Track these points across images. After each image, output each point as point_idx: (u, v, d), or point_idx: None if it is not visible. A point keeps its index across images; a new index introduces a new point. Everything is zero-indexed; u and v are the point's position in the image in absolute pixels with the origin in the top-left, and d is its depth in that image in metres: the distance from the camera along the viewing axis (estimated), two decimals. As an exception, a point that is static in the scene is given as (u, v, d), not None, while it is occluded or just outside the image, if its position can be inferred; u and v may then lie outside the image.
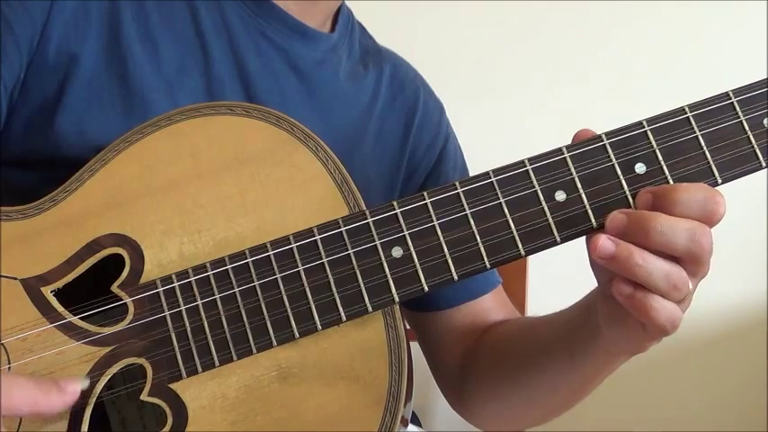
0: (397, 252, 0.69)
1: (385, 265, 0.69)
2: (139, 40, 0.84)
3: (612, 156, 0.69)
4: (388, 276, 0.69)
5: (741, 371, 2.05)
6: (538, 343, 0.88)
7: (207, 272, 0.69)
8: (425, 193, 0.69)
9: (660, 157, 0.68)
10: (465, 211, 0.69)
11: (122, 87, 0.82)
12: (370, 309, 0.69)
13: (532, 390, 0.91)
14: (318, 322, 0.69)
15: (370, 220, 0.69)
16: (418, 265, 0.69)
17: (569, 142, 0.70)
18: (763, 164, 0.68)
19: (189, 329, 0.69)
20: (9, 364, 0.68)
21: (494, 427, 1.03)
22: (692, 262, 0.66)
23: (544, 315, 0.92)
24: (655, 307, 0.66)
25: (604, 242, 0.66)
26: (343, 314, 0.69)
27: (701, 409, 2.07)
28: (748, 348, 2.03)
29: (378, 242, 0.69)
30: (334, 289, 0.69)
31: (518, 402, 0.94)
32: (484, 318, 1.01)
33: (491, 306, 1.02)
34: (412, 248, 0.69)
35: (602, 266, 0.70)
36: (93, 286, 0.70)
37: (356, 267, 0.69)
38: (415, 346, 0.96)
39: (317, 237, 0.69)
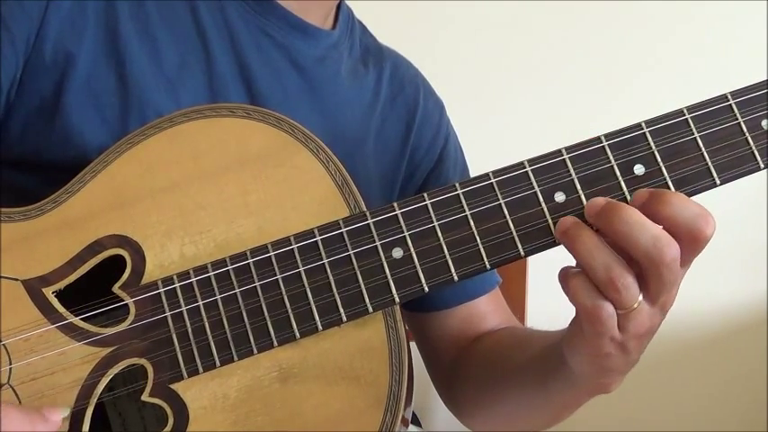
0: (397, 253, 0.69)
1: (385, 265, 0.69)
2: (139, 39, 0.84)
3: (611, 157, 0.69)
4: (389, 277, 0.69)
5: (741, 371, 2.05)
6: (517, 362, 0.88)
7: (208, 272, 0.70)
8: (425, 194, 0.70)
9: (659, 159, 0.68)
10: (465, 212, 0.69)
11: (121, 87, 0.82)
12: (370, 309, 0.69)
13: (511, 405, 0.91)
14: (319, 323, 0.69)
15: (370, 221, 0.70)
16: (418, 266, 0.69)
17: (569, 143, 0.70)
18: (762, 165, 0.68)
19: (190, 330, 0.69)
20: (10, 364, 0.68)
21: (481, 428, 1.03)
22: (651, 271, 0.64)
23: (533, 331, 0.92)
24: (577, 284, 0.66)
25: (567, 218, 0.67)
26: (343, 315, 0.69)
27: (701, 409, 2.07)
28: (748, 348, 2.04)
29: (378, 243, 0.69)
30: (334, 289, 0.69)
31: (501, 414, 0.95)
32: (479, 322, 1.01)
33: (487, 310, 1.02)
34: (412, 249, 0.69)
35: None
36: (94, 287, 0.70)
37: (357, 268, 0.69)
38: (415, 346, 0.97)
39: (318, 238, 0.69)
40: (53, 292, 0.70)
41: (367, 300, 0.69)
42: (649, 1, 1.94)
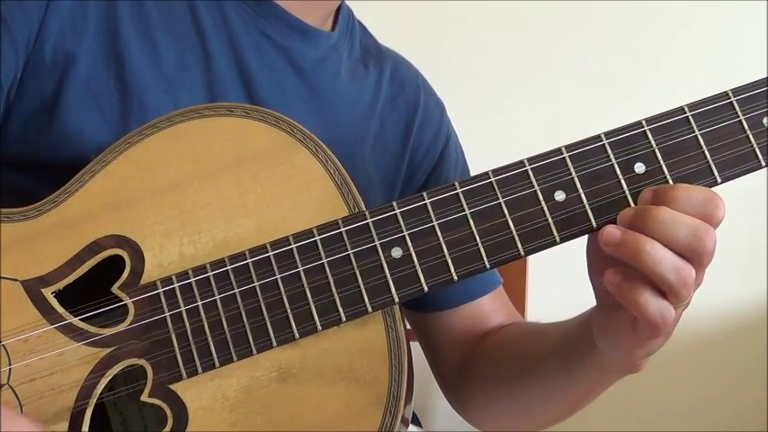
0: (396, 252, 0.69)
1: (385, 265, 0.69)
2: (138, 39, 0.84)
3: (612, 155, 0.69)
4: (388, 277, 0.69)
5: (741, 371, 2.05)
6: (535, 354, 0.88)
7: (207, 273, 0.69)
8: (425, 194, 0.69)
9: (659, 157, 0.68)
10: (464, 211, 0.69)
11: (120, 87, 0.82)
12: (369, 309, 0.69)
13: (528, 399, 0.91)
14: (318, 323, 0.69)
15: (369, 220, 0.69)
16: (418, 266, 0.69)
17: (569, 142, 0.70)
18: (763, 163, 0.68)
19: (189, 330, 0.69)
20: (10, 365, 0.68)
21: (492, 428, 1.03)
22: (694, 260, 0.65)
23: (544, 324, 0.92)
24: (645, 297, 0.65)
25: (611, 230, 0.66)
26: (342, 314, 0.69)
27: (702, 409, 2.07)
28: (748, 348, 2.04)
29: (377, 242, 0.69)
30: (333, 289, 0.69)
31: (514, 410, 0.95)
32: (484, 320, 1.01)
33: (491, 308, 1.02)
34: (411, 249, 0.69)
35: (597, 272, 0.70)
36: (93, 287, 0.70)
37: (356, 268, 0.69)
38: (416, 346, 0.97)
39: (317, 237, 0.69)
40: (52, 293, 0.70)
41: (366, 299, 0.69)
42: (650, 1, 1.94)
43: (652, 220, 0.65)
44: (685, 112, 0.69)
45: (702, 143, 0.68)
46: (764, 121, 0.68)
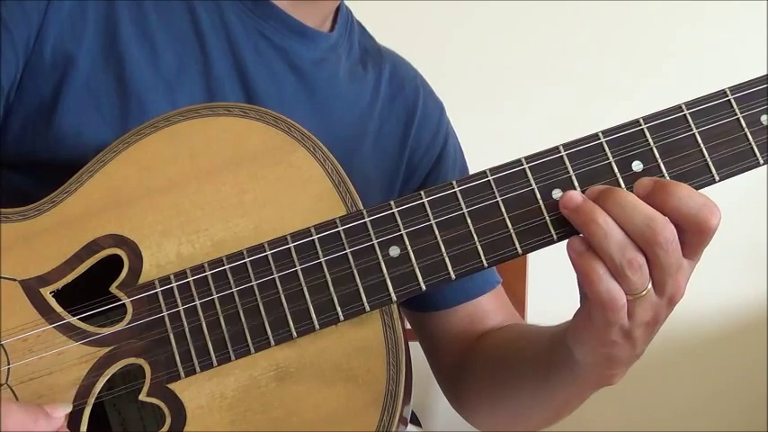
0: (394, 251, 0.69)
1: (382, 264, 0.69)
2: (137, 40, 0.84)
3: (609, 154, 0.69)
4: (386, 275, 0.69)
5: (741, 371, 2.05)
6: (522, 358, 0.88)
7: (205, 272, 0.69)
8: (422, 193, 0.69)
9: (657, 155, 0.68)
10: (462, 209, 0.69)
11: (120, 88, 0.82)
12: (367, 308, 0.69)
13: (514, 403, 0.92)
14: (316, 321, 0.69)
15: (367, 219, 0.69)
16: (415, 264, 0.69)
17: (566, 140, 0.70)
18: (761, 161, 0.68)
19: (187, 329, 0.69)
20: (9, 364, 0.68)
21: (485, 427, 1.03)
22: (648, 254, 0.64)
23: (537, 327, 0.92)
24: (598, 272, 0.65)
25: (573, 194, 0.67)
26: (340, 313, 0.69)
27: (702, 409, 2.07)
28: (748, 348, 2.04)
29: (375, 241, 0.69)
30: (331, 288, 0.69)
31: (503, 412, 0.95)
32: (482, 320, 1.01)
33: (489, 308, 1.02)
34: (409, 247, 0.69)
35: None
36: (92, 287, 0.70)
37: (353, 267, 0.69)
38: (415, 346, 0.97)
39: (315, 236, 0.69)
40: (51, 292, 0.70)
41: (364, 298, 0.69)
42: (649, 1, 1.95)
43: (612, 200, 0.65)
44: (683, 110, 0.69)
45: (700, 141, 0.68)
46: (762, 118, 0.68)
